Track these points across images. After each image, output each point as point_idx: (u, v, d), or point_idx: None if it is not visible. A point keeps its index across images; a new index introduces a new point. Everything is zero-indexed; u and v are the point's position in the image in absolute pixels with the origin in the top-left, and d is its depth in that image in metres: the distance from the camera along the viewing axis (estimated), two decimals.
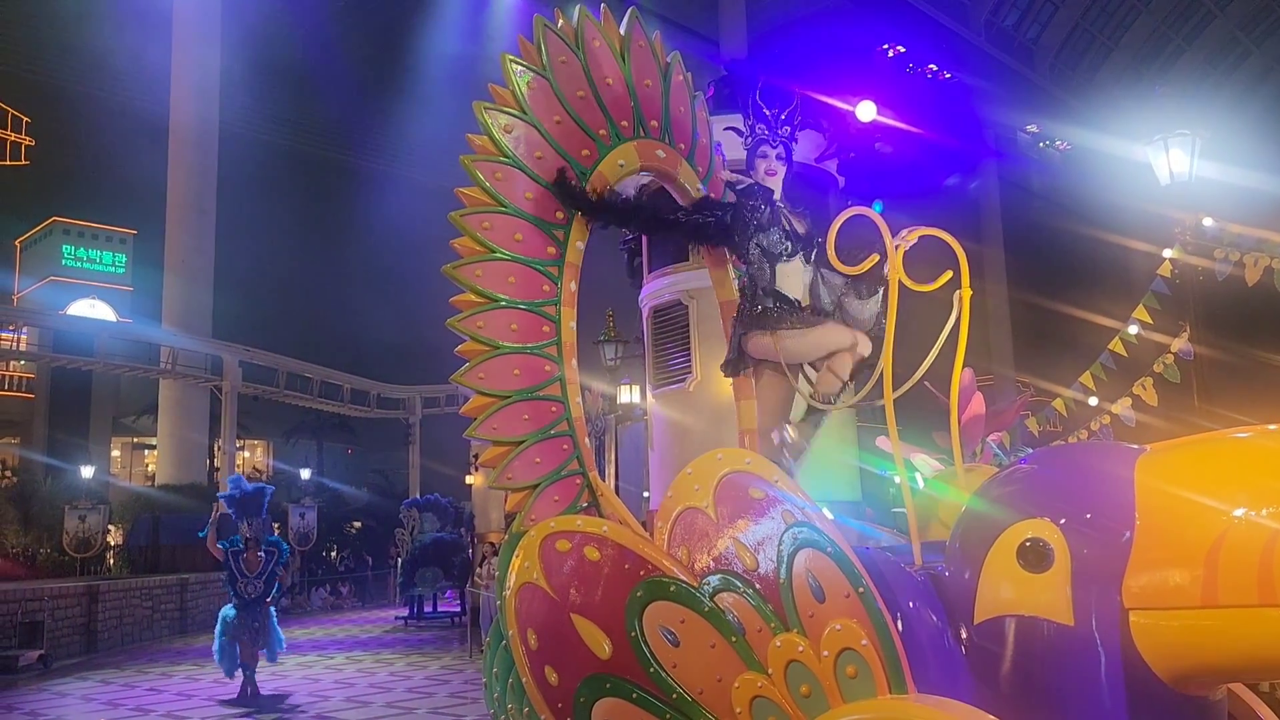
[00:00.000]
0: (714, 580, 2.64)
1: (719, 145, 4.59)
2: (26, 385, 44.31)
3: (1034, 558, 2.33)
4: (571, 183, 3.60)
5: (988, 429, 4.83)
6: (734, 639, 2.57)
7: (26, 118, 45.33)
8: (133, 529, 26.81)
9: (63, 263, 47.83)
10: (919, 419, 3.46)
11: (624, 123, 3.87)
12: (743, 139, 4.05)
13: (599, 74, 3.78)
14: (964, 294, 3.11)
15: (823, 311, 3.82)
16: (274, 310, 42.93)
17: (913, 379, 3.26)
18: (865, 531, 3.64)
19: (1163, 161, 9.52)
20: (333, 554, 33.71)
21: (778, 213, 3.91)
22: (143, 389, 38.38)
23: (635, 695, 2.65)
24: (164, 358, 30.05)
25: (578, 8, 3.79)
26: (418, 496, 26.74)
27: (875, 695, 2.42)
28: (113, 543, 27.19)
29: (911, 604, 2.59)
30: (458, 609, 21.11)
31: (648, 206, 4.06)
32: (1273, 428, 2.27)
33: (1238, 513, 2.08)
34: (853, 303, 3.81)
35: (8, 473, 33.27)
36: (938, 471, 3.98)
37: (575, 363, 3.63)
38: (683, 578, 2.66)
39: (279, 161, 42.39)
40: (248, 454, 46.96)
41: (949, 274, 3.15)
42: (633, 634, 2.66)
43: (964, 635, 2.51)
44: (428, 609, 22.46)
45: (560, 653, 2.78)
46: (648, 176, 4.16)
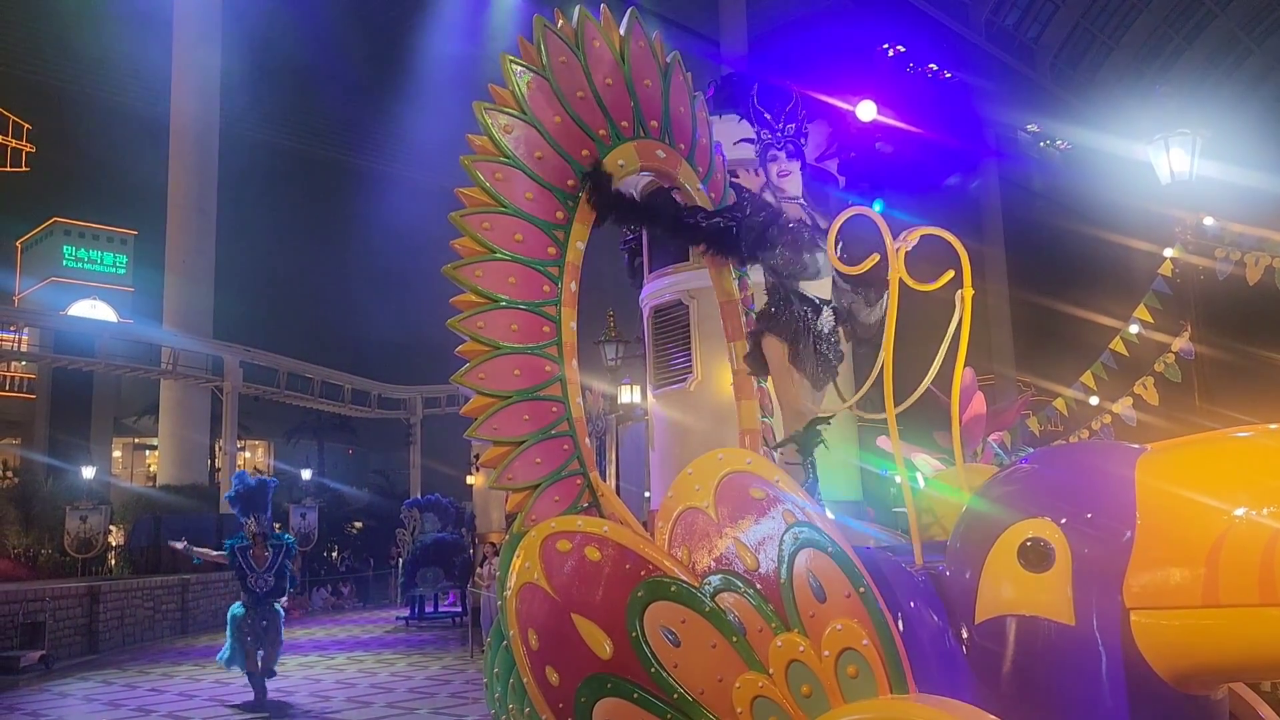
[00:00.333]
0: (715, 580, 2.63)
1: (719, 145, 4.59)
2: (28, 386, 44.31)
3: (1035, 557, 2.33)
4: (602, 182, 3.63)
5: (989, 429, 4.84)
6: (735, 639, 2.57)
7: (28, 124, 45.36)
8: (134, 529, 26.83)
9: (64, 263, 47.84)
10: (920, 419, 3.45)
11: (624, 123, 3.87)
12: (753, 146, 4.05)
13: (599, 74, 3.77)
14: (966, 294, 3.11)
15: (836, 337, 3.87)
16: (275, 310, 42.97)
17: (920, 387, 3.26)
18: (863, 532, 3.64)
19: (1163, 161, 9.52)
20: (334, 554, 33.71)
21: (809, 231, 3.91)
22: (144, 389, 38.41)
23: (636, 695, 2.65)
24: (165, 358, 30.07)
25: (577, 8, 3.78)
26: (419, 497, 26.74)
27: (876, 695, 2.42)
28: (114, 543, 27.20)
29: (912, 604, 2.58)
30: (459, 609, 21.11)
31: (670, 210, 4.08)
32: (1274, 427, 2.27)
33: (1239, 512, 2.08)
34: (861, 309, 3.84)
35: (9, 473, 33.28)
36: (938, 471, 3.98)
37: (575, 363, 3.63)
38: (684, 578, 2.66)
39: (279, 162, 42.43)
40: (249, 454, 46.97)
41: (951, 273, 3.14)
42: (634, 634, 2.66)
43: (965, 635, 2.51)
44: (429, 609, 22.46)
45: (561, 653, 2.78)
46: (648, 176, 4.16)
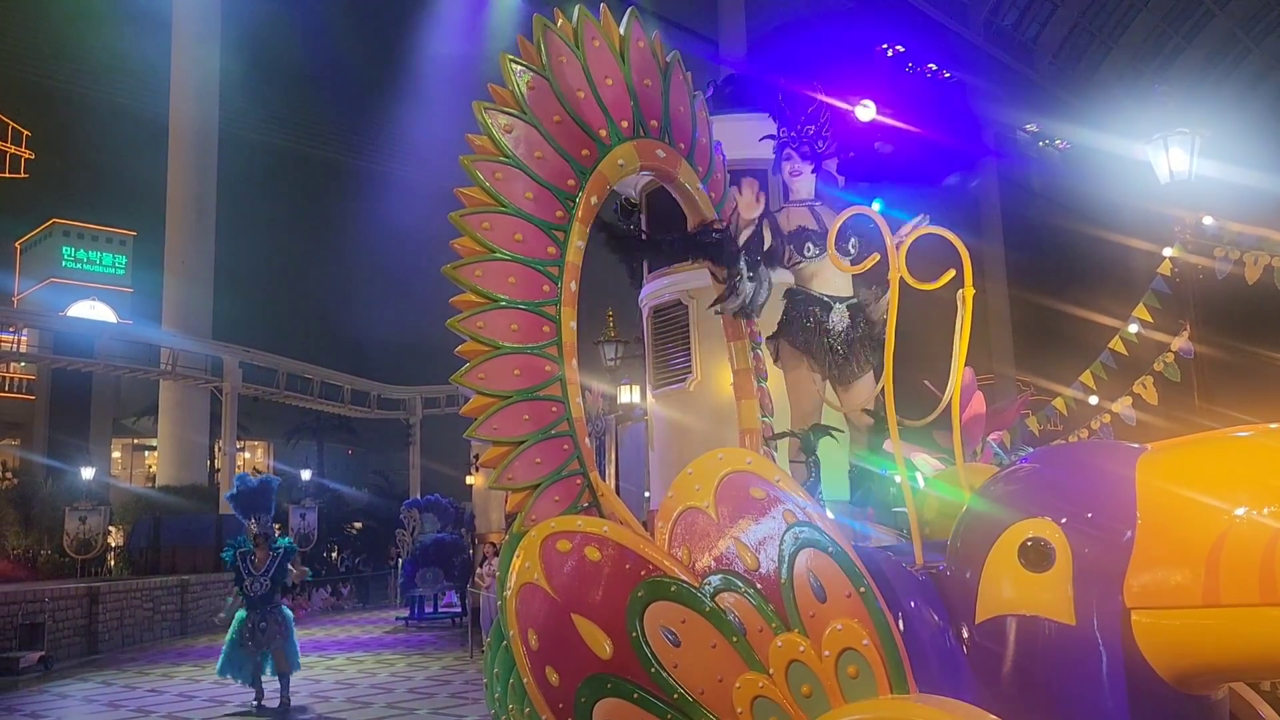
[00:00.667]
0: (715, 580, 2.63)
1: (719, 145, 4.59)
2: (27, 387, 44.32)
3: (1035, 557, 2.33)
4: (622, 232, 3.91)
5: (988, 428, 4.83)
6: (735, 639, 2.56)
7: (27, 131, 45.36)
8: (133, 530, 26.83)
9: (63, 264, 47.86)
10: (918, 418, 3.45)
11: (624, 122, 3.86)
12: (774, 142, 4.08)
13: (599, 74, 3.77)
14: (967, 293, 3.10)
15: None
16: (274, 311, 43.01)
17: (940, 406, 3.27)
18: (859, 530, 3.64)
19: (1163, 160, 9.52)
20: (334, 555, 33.71)
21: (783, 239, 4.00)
22: (143, 390, 38.41)
23: (636, 695, 2.65)
24: (164, 359, 30.07)
25: (577, 8, 3.78)
26: (418, 497, 26.75)
27: (877, 695, 2.42)
28: (113, 544, 27.20)
29: (913, 603, 2.58)
30: (458, 610, 21.11)
31: (674, 239, 4.23)
32: (1274, 426, 2.27)
33: (1239, 512, 2.08)
34: (871, 305, 3.89)
35: (8, 474, 33.28)
36: (938, 471, 3.97)
37: (575, 363, 3.62)
38: (684, 578, 2.66)
39: (279, 162, 42.46)
40: (248, 455, 46.96)
41: (952, 273, 3.14)
42: (634, 634, 2.65)
43: (965, 635, 2.51)
44: (428, 610, 22.46)
45: (561, 653, 2.77)
46: (647, 176, 4.16)
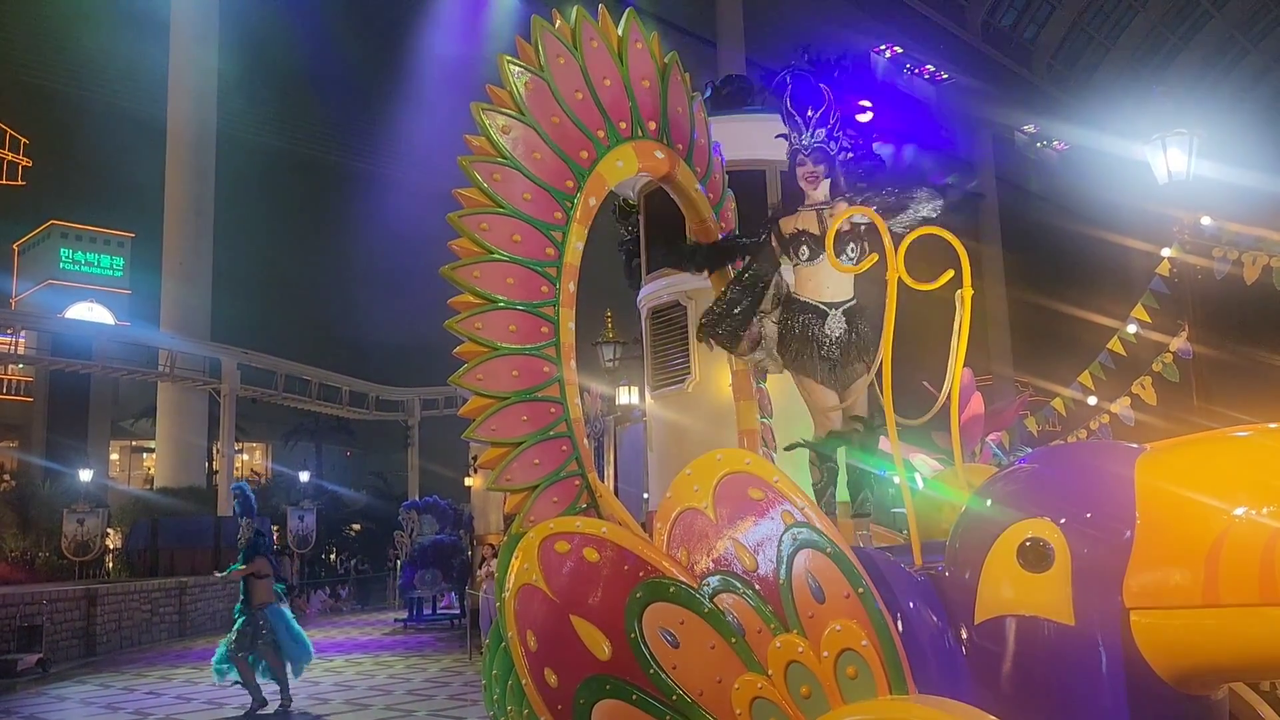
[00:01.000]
0: (714, 581, 2.63)
1: (717, 146, 4.58)
2: (25, 389, 44.30)
3: (1034, 557, 2.33)
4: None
5: (987, 429, 4.84)
6: (734, 640, 2.56)
7: (25, 139, 45.34)
8: (131, 532, 26.83)
9: (61, 266, 47.80)
10: (917, 419, 3.45)
11: (622, 123, 3.86)
12: (786, 143, 4.07)
13: (597, 75, 3.77)
14: (965, 293, 3.10)
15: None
16: (272, 313, 42.93)
17: (937, 406, 3.26)
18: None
19: (1161, 160, 9.53)
20: (332, 557, 33.70)
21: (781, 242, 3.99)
22: (141, 392, 38.38)
23: (635, 697, 2.65)
24: (162, 361, 30.06)
25: (575, 9, 3.78)
26: (417, 499, 26.73)
27: (875, 696, 2.42)
28: (111, 546, 27.19)
29: (911, 604, 2.58)
30: (457, 611, 21.10)
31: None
32: (1273, 426, 2.26)
33: (1238, 511, 2.07)
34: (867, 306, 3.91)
35: (6, 476, 33.23)
36: (937, 471, 3.98)
37: (574, 364, 3.62)
38: (682, 579, 2.66)
39: (276, 164, 42.40)
40: (246, 456, 46.96)
41: (950, 273, 3.14)
42: (632, 635, 2.65)
43: (964, 635, 2.50)
44: (427, 611, 22.44)
45: (560, 654, 2.77)
46: (646, 177, 4.16)
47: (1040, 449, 3.57)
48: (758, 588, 2.58)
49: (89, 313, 44.12)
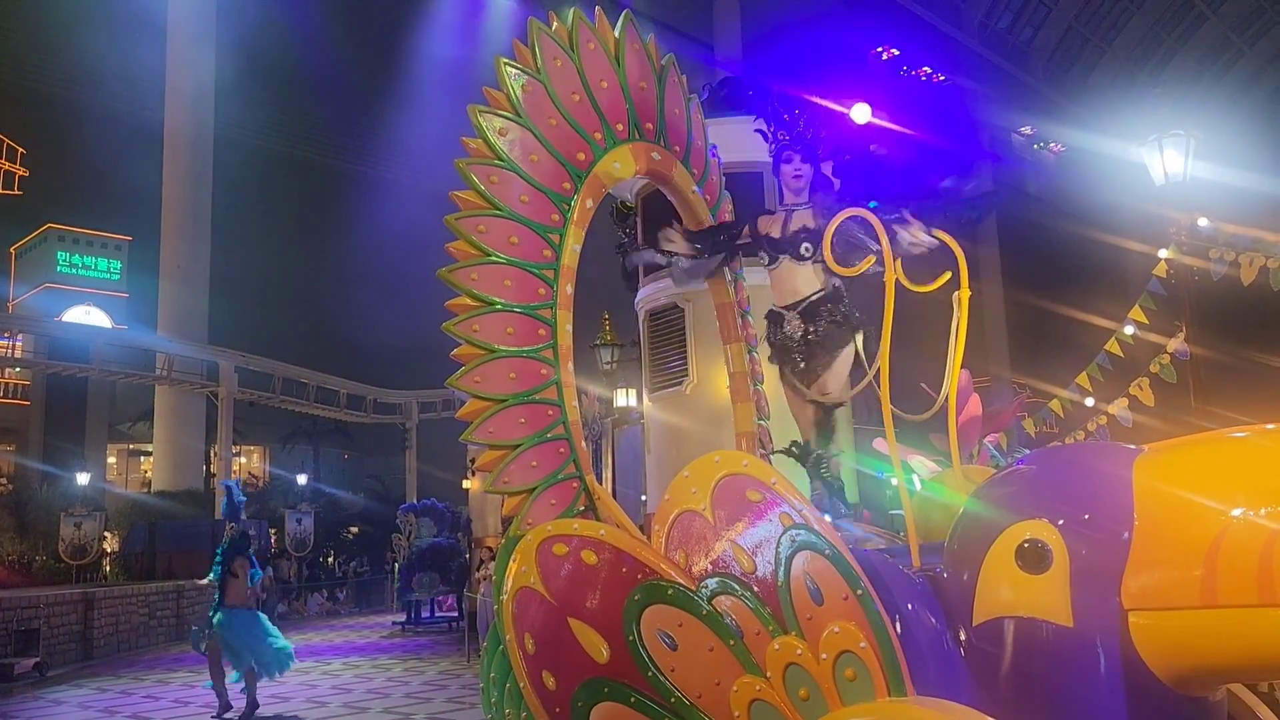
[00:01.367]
0: (712, 583, 2.62)
1: (714, 148, 4.59)
2: (22, 392, 44.21)
3: (1032, 559, 2.33)
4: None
5: (985, 430, 4.84)
6: (732, 642, 2.56)
7: (22, 149, 45.29)
8: (129, 536, 26.80)
9: (58, 269, 47.74)
10: (915, 420, 3.45)
11: (619, 125, 3.86)
12: (768, 145, 4.08)
13: (594, 77, 3.77)
14: (963, 295, 3.10)
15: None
16: (270, 316, 42.88)
17: (935, 407, 3.27)
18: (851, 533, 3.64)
19: (1157, 162, 9.54)
20: (330, 559, 33.67)
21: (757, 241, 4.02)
22: (138, 395, 38.33)
23: (633, 699, 2.64)
24: (160, 364, 30.02)
25: (572, 11, 3.78)
26: (415, 501, 26.72)
27: (874, 698, 2.41)
28: (109, 549, 27.15)
29: (910, 606, 2.58)
30: (455, 614, 21.08)
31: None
32: (1270, 427, 2.26)
33: (1236, 512, 2.07)
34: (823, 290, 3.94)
35: (3, 480, 33.19)
36: (935, 473, 3.97)
37: (571, 366, 3.61)
38: (680, 581, 2.65)
39: (274, 167, 42.40)
40: (244, 460, 46.93)
41: (947, 275, 3.14)
42: (630, 638, 2.64)
43: (963, 637, 2.50)
44: (425, 614, 22.42)
45: (558, 657, 2.77)
46: (643, 179, 4.16)
47: (1038, 450, 3.57)
48: (756, 590, 2.57)
49: (86, 316, 44.09)
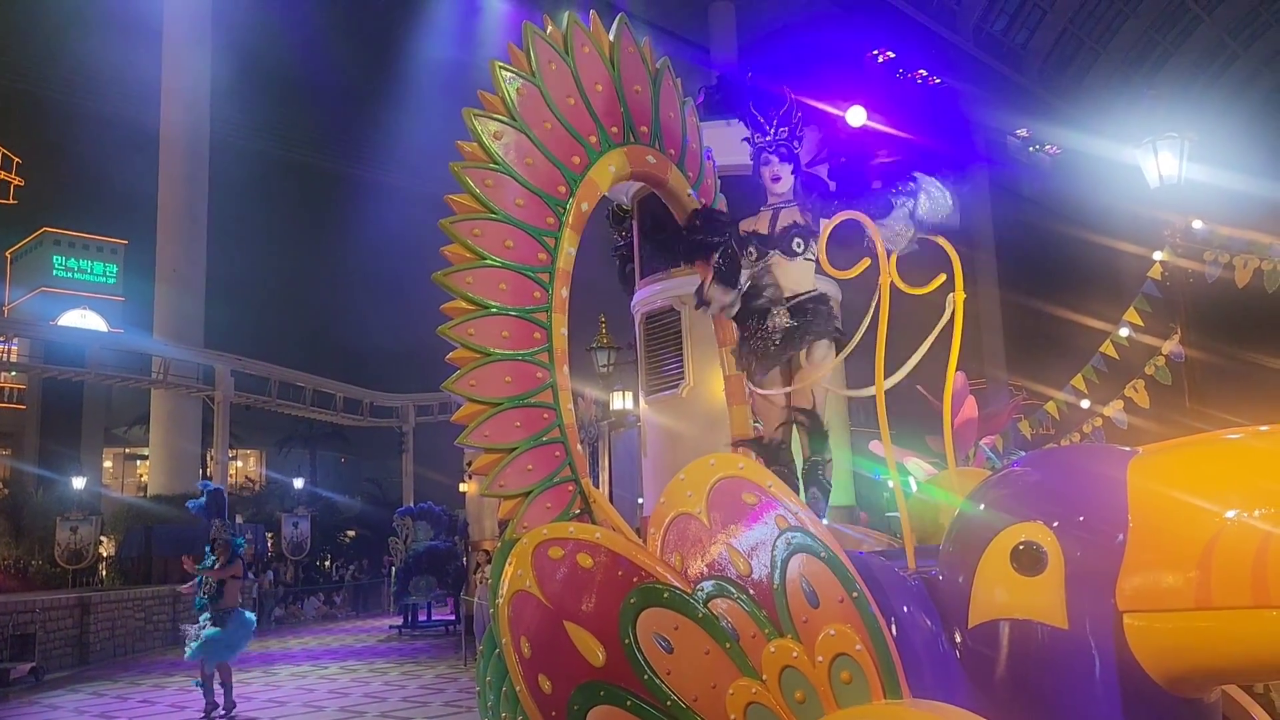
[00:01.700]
0: (707, 586, 2.62)
1: (709, 150, 4.59)
2: (18, 396, 44.09)
3: (1027, 561, 2.33)
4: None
5: (980, 432, 4.85)
6: (728, 645, 2.56)
7: (17, 158, 45.22)
8: (125, 540, 26.70)
9: (53, 273, 47.63)
10: (912, 423, 3.46)
11: (614, 128, 3.87)
12: (750, 146, 4.09)
13: (588, 80, 3.77)
14: (957, 297, 3.11)
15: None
16: (266, 319, 42.77)
17: (945, 398, 3.27)
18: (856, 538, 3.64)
19: (1152, 164, 9.57)
20: (327, 563, 33.62)
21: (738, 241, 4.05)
22: (134, 399, 38.19)
23: (629, 703, 2.64)
24: (156, 368, 29.92)
25: (567, 14, 3.78)
26: (411, 505, 26.68)
27: (870, 700, 2.42)
28: (105, 554, 27.07)
29: (906, 608, 2.58)
30: (452, 617, 21.05)
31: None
32: (1264, 429, 2.27)
33: (1230, 514, 2.07)
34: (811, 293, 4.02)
35: None
36: (931, 475, 3.98)
37: (567, 369, 3.61)
38: (676, 584, 2.65)
39: (270, 170, 42.30)
40: (240, 464, 46.82)
41: (942, 277, 3.14)
42: (626, 641, 2.64)
43: (958, 639, 2.50)
44: (422, 618, 22.39)
45: (554, 661, 2.76)
46: (638, 183, 4.17)
47: (1033, 452, 3.57)
48: (752, 592, 2.57)
49: (82, 320, 43.98)
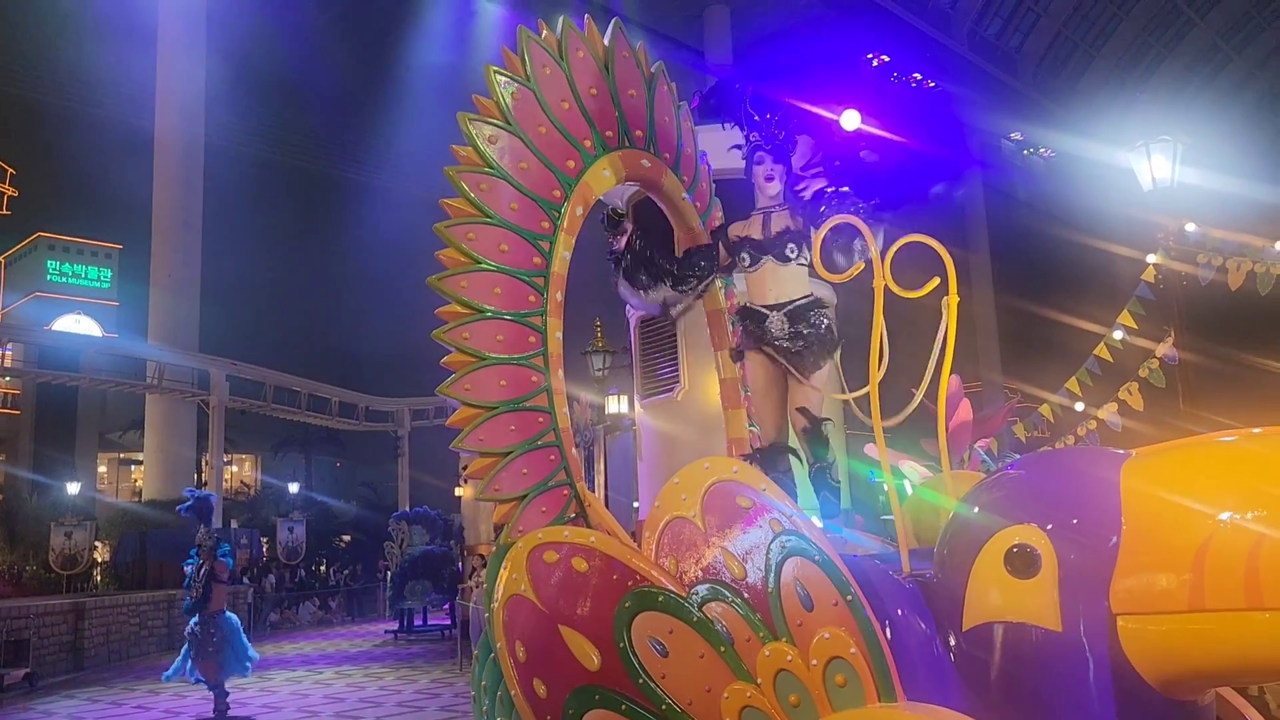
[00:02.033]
0: (702, 590, 2.63)
1: (704, 155, 4.60)
2: (12, 401, 43.97)
3: (1021, 563, 2.33)
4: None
5: (975, 435, 4.85)
6: (723, 649, 2.56)
7: (11, 169, 45.16)
8: (119, 545, 26.59)
9: (48, 278, 47.51)
10: (906, 426, 3.46)
11: (608, 133, 3.87)
12: (740, 150, 4.09)
13: (583, 84, 3.77)
14: (951, 300, 3.11)
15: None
16: (261, 324, 42.69)
17: (910, 407, 3.28)
18: (851, 539, 3.64)
19: (1145, 167, 9.60)
20: (322, 568, 33.56)
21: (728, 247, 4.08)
22: (129, 404, 38.11)
23: (624, 707, 2.64)
24: (150, 372, 29.84)
25: (561, 19, 3.78)
26: (407, 509, 26.61)
27: (864, 704, 2.42)
28: (99, 559, 26.98)
29: (900, 611, 2.58)
30: (447, 622, 21.02)
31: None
32: (1258, 431, 2.27)
33: (1223, 516, 2.08)
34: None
35: None
36: (925, 478, 3.99)
37: (562, 373, 3.61)
38: (671, 588, 2.65)
39: (265, 174, 42.26)
40: (235, 468, 46.72)
41: (936, 280, 3.15)
42: (621, 645, 2.64)
43: (952, 642, 2.51)
44: (417, 622, 22.34)
45: (548, 665, 2.76)
46: (634, 187, 4.17)
47: (1027, 455, 3.58)
48: (746, 596, 2.58)
49: (76, 325, 43.84)
